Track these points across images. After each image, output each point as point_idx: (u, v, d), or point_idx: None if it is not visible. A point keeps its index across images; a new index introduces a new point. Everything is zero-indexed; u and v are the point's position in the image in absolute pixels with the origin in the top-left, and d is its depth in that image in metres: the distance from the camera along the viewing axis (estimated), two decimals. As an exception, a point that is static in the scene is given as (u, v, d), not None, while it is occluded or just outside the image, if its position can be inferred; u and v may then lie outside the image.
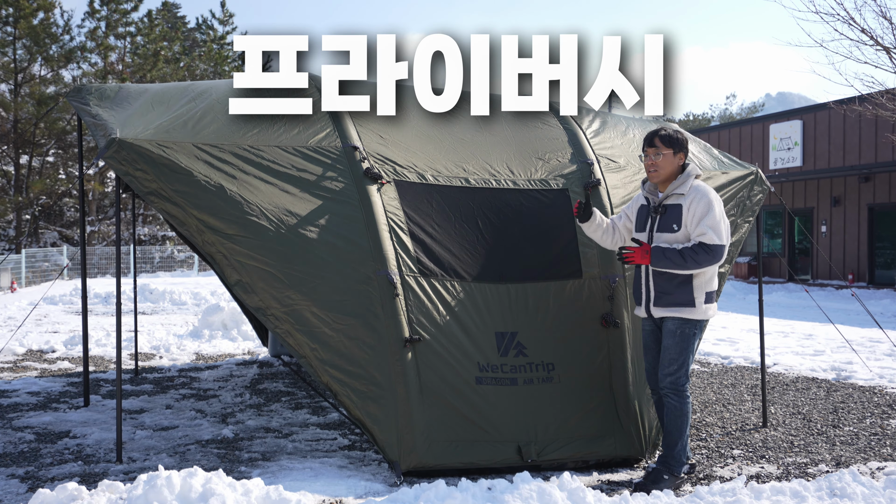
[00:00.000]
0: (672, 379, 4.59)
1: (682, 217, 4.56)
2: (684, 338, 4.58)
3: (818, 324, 13.47)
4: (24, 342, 10.25)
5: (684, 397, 4.60)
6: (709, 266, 4.52)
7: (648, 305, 4.68)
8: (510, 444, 4.78)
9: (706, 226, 4.49)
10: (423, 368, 4.70)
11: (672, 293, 4.57)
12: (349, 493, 4.39)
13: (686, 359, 4.59)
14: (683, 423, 4.60)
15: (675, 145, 4.63)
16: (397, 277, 4.78)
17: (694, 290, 4.56)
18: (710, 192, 4.59)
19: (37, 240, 30.76)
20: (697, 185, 4.61)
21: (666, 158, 4.62)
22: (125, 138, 4.62)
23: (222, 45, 39.07)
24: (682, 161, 4.67)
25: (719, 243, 4.50)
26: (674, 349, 4.59)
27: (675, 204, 4.61)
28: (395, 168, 5.16)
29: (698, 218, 4.52)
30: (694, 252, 4.47)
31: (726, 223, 4.60)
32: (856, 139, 22.26)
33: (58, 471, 4.79)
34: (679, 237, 4.57)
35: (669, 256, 4.49)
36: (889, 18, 14.52)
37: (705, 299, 4.59)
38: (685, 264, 4.48)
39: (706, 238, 4.48)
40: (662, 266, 4.53)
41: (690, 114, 58.84)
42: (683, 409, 4.60)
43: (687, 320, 4.58)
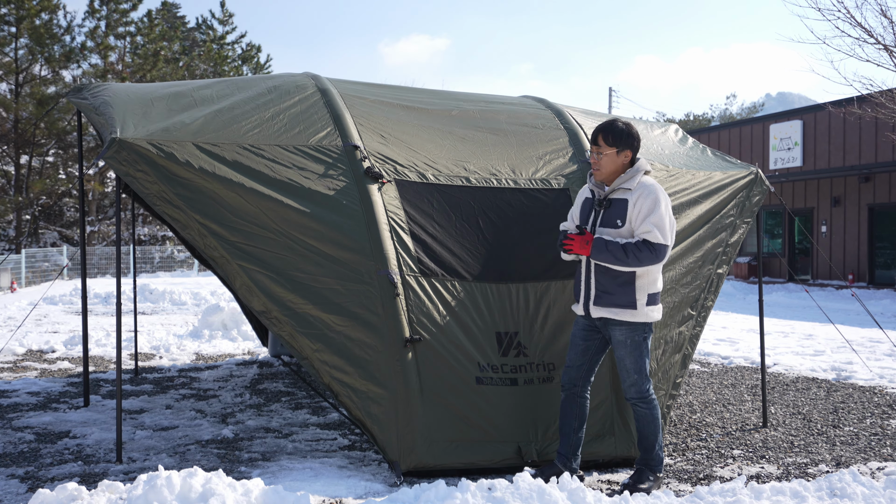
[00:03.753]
0: (635, 388, 4.48)
1: (626, 212, 4.40)
2: (636, 346, 4.45)
3: (818, 324, 13.47)
4: (24, 342, 10.25)
5: (651, 402, 4.51)
6: (651, 265, 4.35)
7: (587, 304, 4.52)
8: (510, 445, 4.78)
9: (651, 223, 4.33)
10: (423, 368, 4.70)
11: (613, 293, 4.41)
12: (349, 493, 4.39)
13: (642, 365, 4.47)
14: (656, 426, 4.53)
15: (618, 144, 4.45)
16: (398, 277, 4.78)
17: (636, 290, 4.40)
18: (658, 190, 4.43)
19: (37, 240, 30.76)
20: (645, 181, 4.45)
21: (608, 158, 4.46)
22: (125, 138, 4.62)
23: (222, 45, 39.07)
24: (628, 158, 4.49)
25: (664, 243, 4.34)
26: (627, 359, 4.46)
27: (620, 199, 4.45)
28: (396, 167, 5.16)
29: (644, 215, 4.35)
30: (637, 249, 4.30)
31: (672, 223, 4.45)
32: (856, 139, 22.26)
33: (58, 471, 4.79)
34: (622, 233, 4.41)
35: (611, 250, 4.32)
36: (889, 17, 14.52)
37: (648, 301, 4.43)
38: (626, 260, 4.31)
39: (651, 236, 4.32)
40: (602, 259, 4.36)
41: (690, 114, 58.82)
42: (653, 413, 4.51)
43: (633, 326, 4.43)
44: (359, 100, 5.59)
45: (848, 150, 22.60)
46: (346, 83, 5.93)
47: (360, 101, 5.57)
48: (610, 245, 4.33)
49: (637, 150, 4.53)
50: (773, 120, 25.44)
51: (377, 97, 5.77)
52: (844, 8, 15.20)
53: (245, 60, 40.53)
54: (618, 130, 4.47)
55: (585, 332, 4.60)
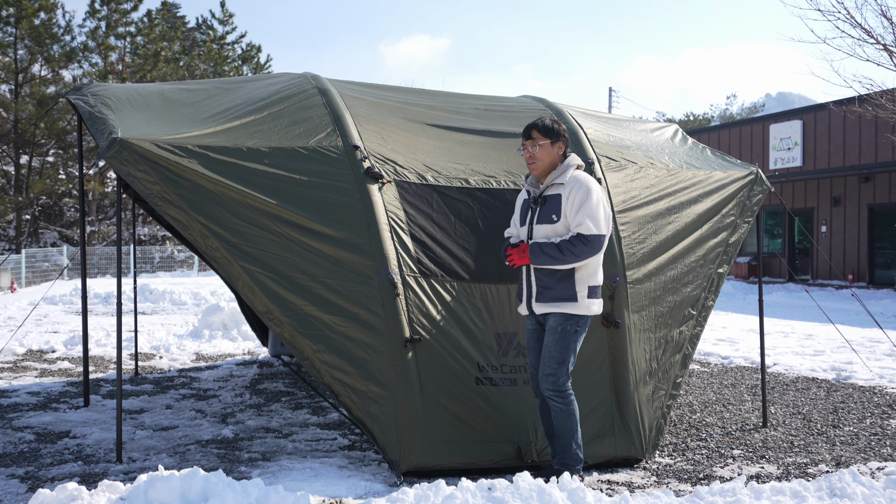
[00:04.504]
0: (552, 379, 4.43)
1: (561, 207, 4.43)
2: (565, 335, 4.42)
3: (818, 324, 13.47)
4: (24, 342, 10.25)
5: (567, 397, 4.45)
6: (589, 258, 4.37)
7: (530, 302, 4.52)
8: (510, 445, 4.79)
9: (584, 215, 4.35)
10: (423, 369, 4.70)
11: (553, 287, 4.42)
12: (349, 493, 4.39)
13: (566, 357, 4.43)
14: (573, 423, 4.47)
15: (552, 135, 4.50)
16: (398, 277, 4.78)
17: (576, 283, 4.41)
18: (590, 182, 4.45)
19: (37, 240, 30.76)
20: (577, 175, 4.48)
21: (544, 149, 4.50)
22: (126, 138, 4.61)
23: (222, 45, 39.08)
24: (562, 150, 4.54)
25: (598, 233, 4.35)
26: (553, 346, 4.43)
27: (554, 194, 4.47)
28: (396, 168, 5.16)
29: (576, 208, 4.37)
30: (571, 244, 4.33)
31: (606, 212, 4.45)
32: (856, 139, 22.26)
33: (58, 471, 4.79)
34: (559, 228, 4.43)
35: (547, 251, 4.36)
36: (889, 17, 14.52)
37: (588, 293, 4.44)
38: (564, 258, 4.33)
39: (583, 228, 4.33)
40: (542, 263, 4.39)
41: (690, 114, 58.82)
42: (569, 409, 4.45)
43: (569, 316, 4.43)
44: (359, 100, 5.59)
45: (848, 150, 22.60)
46: (346, 84, 5.93)
47: (360, 102, 5.57)
48: (545, 247, 4.37)
49: (569, 144, 4.61)
50: (773, 120, 25.44)
51: (377, 98, 5.77)
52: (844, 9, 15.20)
53: (245, 60, 40.53)
54: (549, 123, 4.54)
55: (535, 333, 4.60)
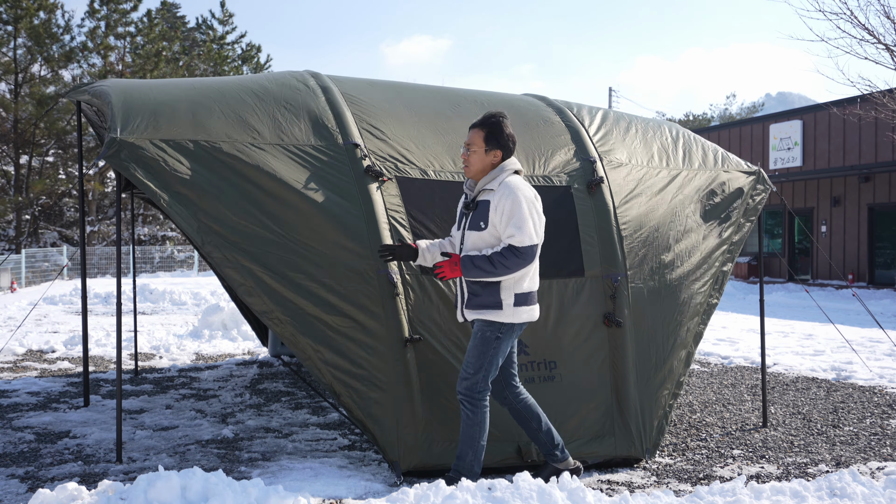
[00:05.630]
0: (468, 384, 4.31)
1: (488, 214, 4.28)
2: (485, 341, 4.30)
3: (818, 324, 13.47)
4: (24, 342, 10.25)
5: (479, 405, 4.32)
6: (522, 269, 4.24)
7: (462, 309, 4.43)
8: (510, 444, 4.78)
9: (514, 227, 4.20)
10: (423, 368, 4.70)
11: (480, 295, 4.31)
12: (349, 493, 4.39)
13: (484, 364, 4.30)
14: (476, 434, 4.34)
15: (489, 142, 4.36)
16: (398, 277, 4.78)
17: (501, 290, 4.28)
18: (519, 190, 4.26)
19: (37, 240, 30.76)
20: (508, 182, 4.30)
21: (476, 155, 4.37)
22: (125, 138, 4.61)
23: (222, 45, 39.06)
24: (497, 159, 4.38)
25: (529, 244, 4.21)
26: (472, 352, 4.33)
27: (484, 200, 4.33)
28: (397, 165, 5.15)
29: (506, 218, 4.23)
30: (503, 257, 4.19)
31: (538, 220, 4.29)
32: (856, 139, 22.26)
33: (58, 471, 4.79)
34: (485, 236, 4.30)
35: (479, 265, 4.23)
36: (892, 18, 14.53)
37: (515, 301, 4.29)
38: (496, 271, 4.20)
39: (514, 241, 4.19)
40: (474, 276, 4.26)
41: (690, 114, 58.82)
42: (476, 418, 4.32)
43: (491, 322, 4.31)
44: (359, 97, 5.58)
45: (848, 150, 22.60)
46: (346, 81, 5.92)
47: (360, 99, 5.56)
48: (476, 260, 4.24)
49: (509, 152, 4.41)
50: (773, 120, 25.44)
51: (377, 94, 5.76)
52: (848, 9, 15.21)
53: (245, 60, 40.52)
54: (491, 129, 4.37)
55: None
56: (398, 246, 4.53)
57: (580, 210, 5.37)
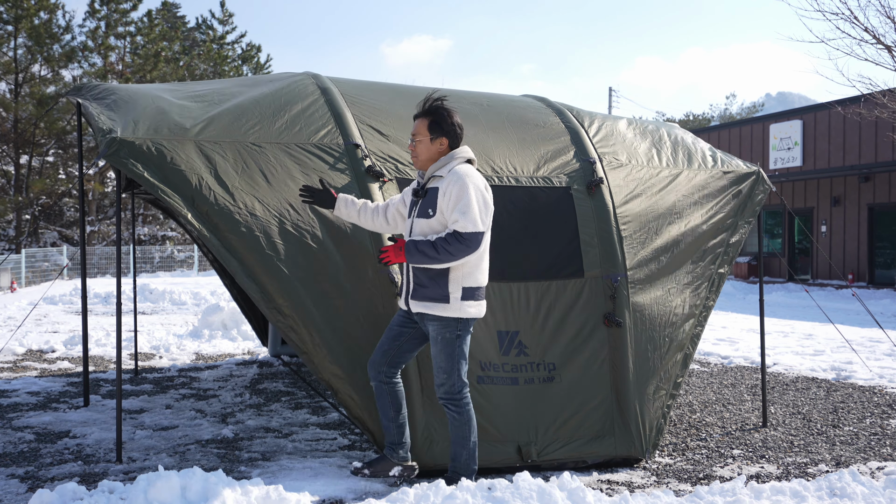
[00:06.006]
0: (445, 389, 4.29)
1: (437, 201, 4.25)
2: (447, 343, 4.26)
3: (818, 324, 13.47)
4: (24, 342, 10.25)
5: (463, 405, 4.31)
6: (465, 256, 4.17)
7: (407, 298, 4.37)
8: (510, 444, 4.78)
9: (459, 213, 4.15)
10: (423, 368, 4.70)
11: (427, 286, 4.26)
12: (349, 493, 4.39)
13: (454, 365, 4.27)
14: (466, 433, 4.34)
15: (434, 131, 4.34)
16: (398, 276, 4.78)
17: (449, 283, 4.23)
18: (468, 177, 4.23)
19: (37, 240, 30.76)
20: (458, 169, 4.27)
21: (423, 145, 4.36)
22: (126, 137, 4.61)
23: (222, 45, 39.07)
24: (444, 146, 4.35)
25: (474, 231, 4.15)
26: (440, 357, 4.28)
27: (433, 187, 4.30)
28: (398, 166, 5.15)
29: (452, 204, 4.19)
30: (447, 242, 4.13)
31: (484, 208, 4.26)
32: (856, 139, 22.26)
33: (58, 471, 4.79)
34: (433, 223, 4.26)
35: (423, 250, 4.17)
36: (892, 18, 14.52)
37: (463, 295, 4.24)
38: (440, 257, 4.15)
39: (458, 226, 4.14)
40: (418, 261, 4.21)
41: (690, 114, 58.81)
42: (462, 417, 4.31)
43: (445, 322, 4.26)
44: (359, 98, 5.59)
45: (848, 150, 22.60)
46: (346, 82, 5.92)
47: (360, 100, 5.57)
48: (420, 245, 4.19)
49: (457, 139, 4.39)
50: (773, 120, 25.43)
51: (378, 95, 5.77)
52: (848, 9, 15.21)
53: (245, 60, 40.53)
54: (434, 116, 4.36)
55: (403, 318, 4.45)
56: (319, 190, 4.55)
57: (580, 211, 5.37)
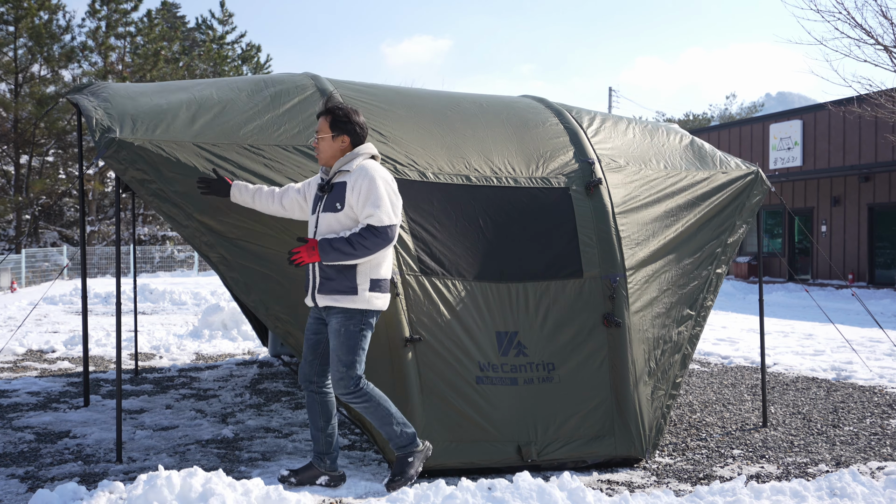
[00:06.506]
0: (343, 383, 4.27)
1: (344, 195, 4.28)
2: (349, 336, 4.27)
3: (818, 323, 13.47)
4: (24, 342, 10.25)
5: (364, 395, 4.30)
6: (380, 249, 4.23)
7: (314, 293, 4.37)
8: (510, 444, 4.78)
9: (372, 206, 4.20)
10: (423, 368, 4.70)
11: (334, 279, 4.26)
12: (349, 493, 4.39)
13: (354, 359, 4.27)
14: (384, 412, 4.33)
15: (335, 128, 4.38)
16: (398, 277, 4.78)
17: (357, 275, 4.26)
18: (375, 171, 4.30)
19: (37, 240, 30.76)
20: (364, 165, 4.33)
21: (325, 142, 4.40)
22: (124, 138, 4.61)
23: (222, 45, 39.06)
24: (346, 144, 4.40)
25: (388, 223, 4.22)
26: (341, 350, 4.27)
27: (340, 182, 4.33)
28: (396, 167, 5.16)
29: (363, 199, 4.23)
30: (362, 237, 4.18)
31: (396, 201, 4.32)
32: (856, 139, 22.26)
33: (58, 471, 4.79)
34: (341, 217, 4.29)
35: (337, 247, 4.19)
36: (889, 18, 14.52)
37: (370, 287, 4.27)
38: (356, 252, 4.18)
39: (373, 220, 4.19)
40: (334, 259, 4.21)
41: (690, 113, 58.82)
42: (372, 402, 4.31)
43: (349, 314, 4.27)
44: (358, 100, 5.59)
45: (848, 150, 22.60)
46: (345, 83, 5.92)
47: (359, 101, 5.57)
48: (334, 243, 4.21)
49: (358, 137, 4.43)
50: (773, 120, 25.44)
51: (377, 97, 5.77)
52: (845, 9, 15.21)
53: (245, 60, 40.53)
54: (335, 115, 4.41)
55: (315, 325, 4.45)
56: (214, 180, 4.59)
57: (579, 211, 5.38)
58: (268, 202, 4.61)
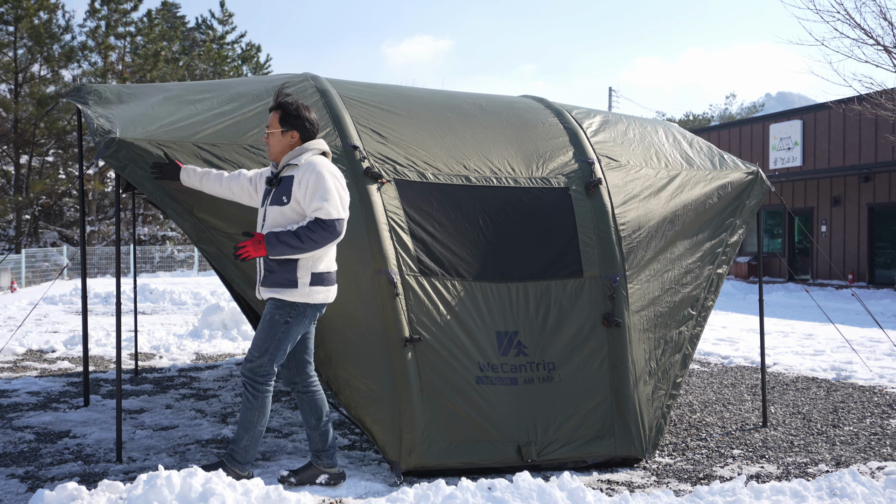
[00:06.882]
0: (251, 366, 4.26)
1: (291, 189, 4.25)
2: (273, 324, 4.25)
3: (818, 323, 13.47)
4: (24, 342, 10.25)
5: (261, 391, 4.28)
6: (328, 243, 4.21)
7: (258, 287, 4.37)
8: (510, 444, 4.78)
9: (320, 199, 4.18)
10: (423, 368, 4.70)
11: (275, 272, 4.25)
12: (349, 493, 4.39)
13: (270, 347, 4.24)
14: (255, 418, 4.30)
15: (284, 124, 4.37)
16: (398, 277, 4.78)
17: (298, 268, 4.24)
18: (323, 166, 4.27)
19: (37, 240, 30.76)
20: (312, 160, 4.30)
21: (274, 137, 4.39)
22: (124, 138, 4.62)
23: (222, 45, 39.06)
24: (295, 139, 4.38)
25: (336, 217, 4.19)
26: (259, 334, 4.27)
27: (288, 176, 4.31)
28: (396, 167, 5.16)
29: (311, 193, 4.20)
30: (310, 230, 4.16)
31: (344, 195, 4.30)
32: (856, 139, 22.26)
33: (58, 471, 4.79)
34: (286, 211, 4.26)
35: (284, 240, 4.16)
36: (889, 19, 14.52)
37: (311, 280, 4.25)
38: (303, 246, 4.16)
39: (321, 213, 4.17)
40: (281, 253, 4.18)
41: (690, 113, 58.81)
42: (257, 402, 4.28)
43: (281, 304, 4.26)
44: (358, 100, 5.59)
45: (848, 150, 22.60)
46: (344, 83, 5.92)
47: (358, 102, 5.57)
48: (282, 236, 4.18)
49: (308, 132, 4.41)
50: (773, 120, 25.44)
51: (376, 97, 5.77)
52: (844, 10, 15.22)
53: (245, 60, 40.53)
54: (285, 110, 4.39)
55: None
56: (166, 164, 4.60)
57: (578, 211, 5.38)
58: (215, 185, 4.58)
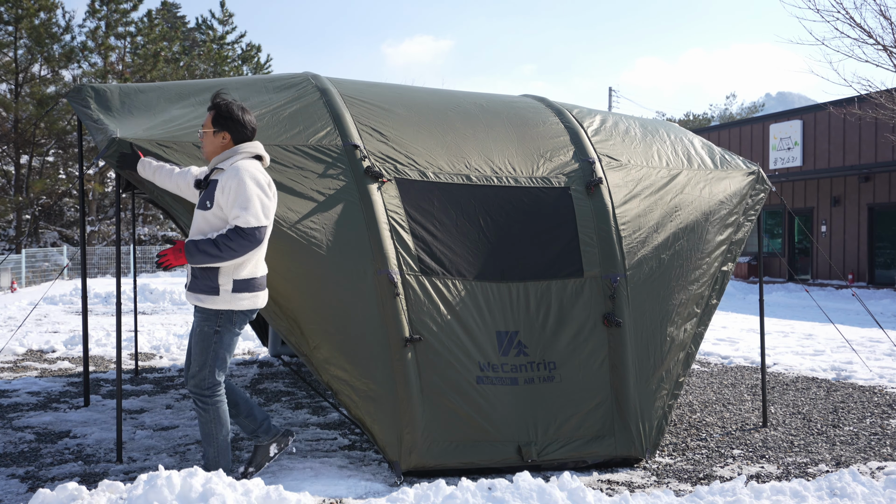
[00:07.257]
0: (195, 381, 4.25)
1: (214, 194, 4.18)
2: (204, 337, 4.22)
3: (818, 324, 13.47)
4: (24, 342, 10.25)
5: (211, 402, 4.26)
6: (248, 252, 4.13)
7: (186, 291, 4.35)
8: (510, 444, 4.78)
9: (239, 207, 4.10)
10: (423, 368, 4.70)
11: (198, 277, 4.20)
12: (349, 493, 4.39)
13: (208, 360, 4.22)
14: (213, 430, 4.29)
15: (217, 124, 4.31)
16: (398, 276, 4.78)
17: (219, 276, 4.17)
18: (246, 171, 4.17)
19: (37, 240, 30.76)
20: (238, 164, 4.20)
21: (207, 137, 4.33)
22: (125, 138, 4.62)
23: (222, 45, 39.05)
24: (227, 141, 4.31)
25: (256, 225, 4.12)
26: (195, 349, 4.24)
27: (214, 179, 4.23)
28: (396, 166, 5.16)
29: (232, 199, 4.12)
30: (229, 239, 4.07)
31: (267, 202, 4.21)
32: (856, 139, 22.26)
33: (58, 471, 4.79)
34: (209, 216, 4.20)
35: (204, 249, 4.09)
36: (889, 18, 14.52)
37: (234, 287, 4.18)
38: (222, 255, 4.08)
39: (240, 221, 4.09)
40: (200, 261, 4.11)
41: (690, 113, 58.82)
42: (209, 415, 4.26)
43: (207, 314, 4.22)
44: (358, 99, 5.59)
45: (848, 150, 22.60)
46: (345, 83, 5.93)
47: (359, 101, 5.57)
48: (201, 245, 4.11)
49: (241, 134, 4.33)
50: (773, 120, 25.44)
51: (377, 96, 5.77)
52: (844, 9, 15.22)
53: (245, 60, 40.52)
54: (218, 111, 4.33)
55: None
56: (129, 154, 4.56)
57: (579, 211, 5.38)
58: (166, 180, 4.54)
